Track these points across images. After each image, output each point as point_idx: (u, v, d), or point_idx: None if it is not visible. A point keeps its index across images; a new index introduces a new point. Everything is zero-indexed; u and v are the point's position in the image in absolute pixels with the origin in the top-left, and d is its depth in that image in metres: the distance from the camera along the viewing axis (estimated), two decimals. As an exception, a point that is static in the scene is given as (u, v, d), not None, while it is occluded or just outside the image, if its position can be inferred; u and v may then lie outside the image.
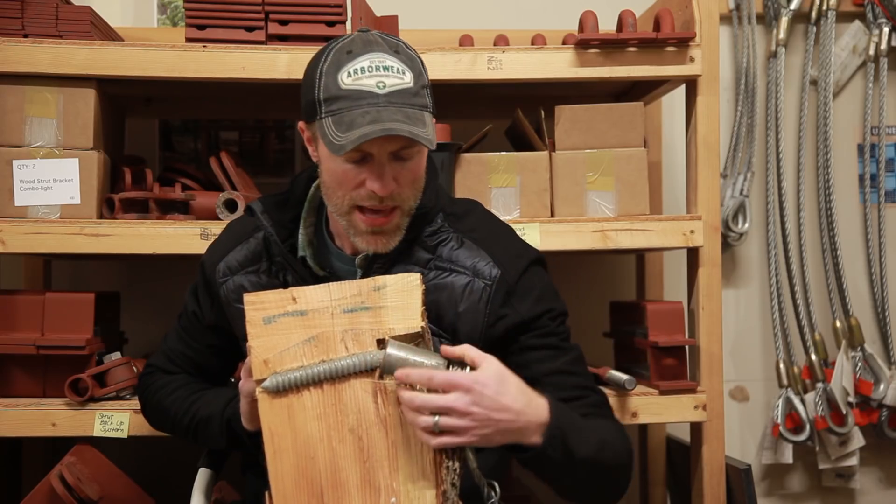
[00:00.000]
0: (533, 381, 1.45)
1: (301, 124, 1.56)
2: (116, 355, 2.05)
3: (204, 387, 1.70)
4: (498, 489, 1.37)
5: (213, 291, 1.66)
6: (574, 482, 1.45)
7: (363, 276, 1.53)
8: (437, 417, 1.31)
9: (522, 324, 1.54)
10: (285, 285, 1.57)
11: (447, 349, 1.37)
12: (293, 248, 1.59)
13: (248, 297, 1.37)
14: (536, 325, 1.56)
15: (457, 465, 1.34)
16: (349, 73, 1.44)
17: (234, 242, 1.66)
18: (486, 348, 1.44)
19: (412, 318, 1.36)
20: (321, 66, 1.47)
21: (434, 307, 1.52)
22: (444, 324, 1.53)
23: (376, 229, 1.48)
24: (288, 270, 1.59)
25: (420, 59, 1.52)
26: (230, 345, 1.67)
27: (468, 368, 1.34)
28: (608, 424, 1.52)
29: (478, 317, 1.53)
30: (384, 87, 1.44)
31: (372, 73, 1.44)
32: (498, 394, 1.34)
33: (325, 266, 1.59)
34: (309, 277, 1.55)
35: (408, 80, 1.46)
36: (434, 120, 1.52)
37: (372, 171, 1.45)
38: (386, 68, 1.45)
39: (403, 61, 1.47)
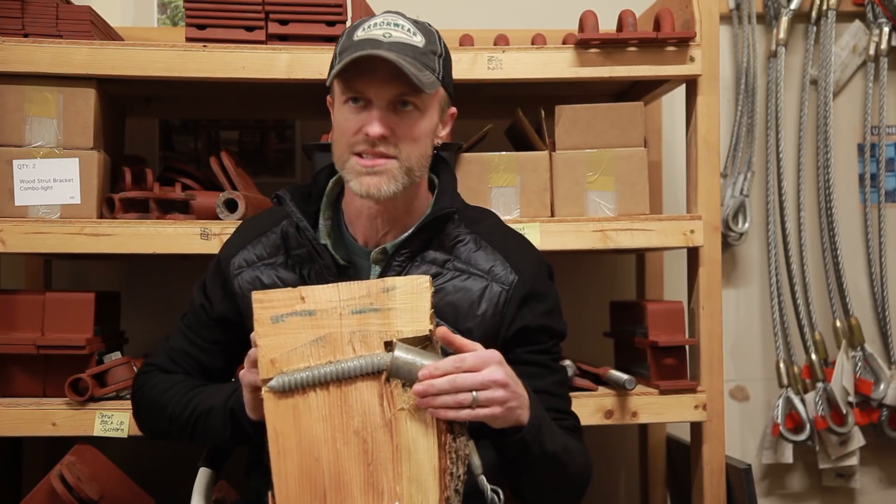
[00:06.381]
0: None
1: (328, 98, 1.62)
2: (116, 355, 2.05)
3: (203, 383, 1.69)
4: (502, 495, 1.37)
5: (226, 283, 1.66)
6: (539, 477, 1.50)
7: (381, 271, 1.57)
8: (475, 393, 1.34)
9: (525, 330, 1.58)
10: (302, 279, 1.59)
11: (457, 339, 1.39)
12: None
13: (257, 296, 1.36)
14: (535, 340, 1.60)
15: (461, 471, 1.33)
16: (363, 28, 1.53)
17: (249, 238, 1.68)
18: (507, 345, 1.55)
19: (420, 320, 1.35)
20: (344, 32, 1.56)
21: (451, 308, 1.55)
22: (460, 325, 1.55)
23: (370, 169, 1.51)
24: (305, 264, 1.60)
25: (440, 37, 1.58)
26: (235, 341, 1.66)
27: None
28: (575, 440, 1.58)
29: (495, 320, 1.57)
30: (390, 37, 1.50)
31: (382, 27, 1.52)
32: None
33: (343, 257, 1.61)
34: (332, 265, 1.57)
35: (418, 40, 1.52)
36: (444, 90, 1.57)
37: (368, 116, 1.50)
38: (397, 25, 1.53)
39: (418, 27, 1.55)
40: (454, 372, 1.33)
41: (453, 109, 1.64)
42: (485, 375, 1.35)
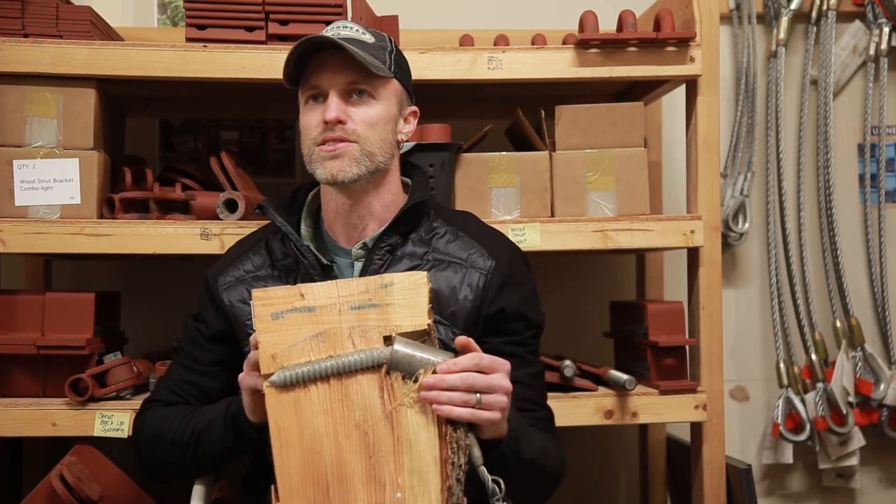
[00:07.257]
0: None
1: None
2: (116, 355, 2.05)
3: (201, 407, 1.69)
4: (503, 485, 1.38)
5: (215, 299, 1.70)
6: (516, 482, 1.50)
7: (363, 267, 1.62)
8: (479, 395, 1.36)
9: (502, 313, 1.62)
10: None
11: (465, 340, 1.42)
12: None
13: (257, 293, 1.38)
14: (512, 329, 1.63)
15: (462, 461, 1.34)
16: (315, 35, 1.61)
17: (235, 256, 1.74)
18: (485, 334, 1.59)
19: (419, 315, 1.37)
20: None
21: (434, 295, 1.57)
22: (444, 311, 1.60)
23: (331, 153, 1.59)
24: (291, 273, 1.65)
25: (392, 39, 1.66)
26: (233, 358, 1.67)
27: None
28: (549, 437, 1.62)
29: (476, 303, 1.61)
30: (339, 35, 1.60)
31: (332, 29, 1.63)
32: None
33: (326, 258, 1.65)
34: (317, 265, 1.62)
35: (367, 38, 1.62)
36: (401, 86, 1.66)
37: (325, 106, 1.59)
38: (346, 27, 1.63)
39: (368, 30, 1.64)
40: (471, 370, 1.36)
41: (415, 108, 1.71)
42: (494, 380, 1.38)
